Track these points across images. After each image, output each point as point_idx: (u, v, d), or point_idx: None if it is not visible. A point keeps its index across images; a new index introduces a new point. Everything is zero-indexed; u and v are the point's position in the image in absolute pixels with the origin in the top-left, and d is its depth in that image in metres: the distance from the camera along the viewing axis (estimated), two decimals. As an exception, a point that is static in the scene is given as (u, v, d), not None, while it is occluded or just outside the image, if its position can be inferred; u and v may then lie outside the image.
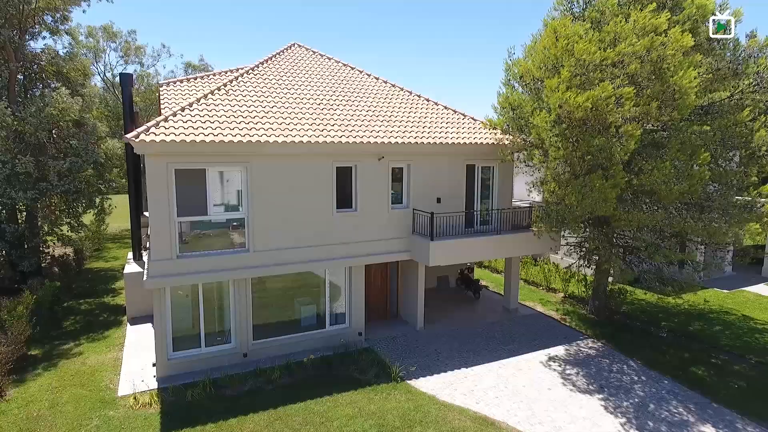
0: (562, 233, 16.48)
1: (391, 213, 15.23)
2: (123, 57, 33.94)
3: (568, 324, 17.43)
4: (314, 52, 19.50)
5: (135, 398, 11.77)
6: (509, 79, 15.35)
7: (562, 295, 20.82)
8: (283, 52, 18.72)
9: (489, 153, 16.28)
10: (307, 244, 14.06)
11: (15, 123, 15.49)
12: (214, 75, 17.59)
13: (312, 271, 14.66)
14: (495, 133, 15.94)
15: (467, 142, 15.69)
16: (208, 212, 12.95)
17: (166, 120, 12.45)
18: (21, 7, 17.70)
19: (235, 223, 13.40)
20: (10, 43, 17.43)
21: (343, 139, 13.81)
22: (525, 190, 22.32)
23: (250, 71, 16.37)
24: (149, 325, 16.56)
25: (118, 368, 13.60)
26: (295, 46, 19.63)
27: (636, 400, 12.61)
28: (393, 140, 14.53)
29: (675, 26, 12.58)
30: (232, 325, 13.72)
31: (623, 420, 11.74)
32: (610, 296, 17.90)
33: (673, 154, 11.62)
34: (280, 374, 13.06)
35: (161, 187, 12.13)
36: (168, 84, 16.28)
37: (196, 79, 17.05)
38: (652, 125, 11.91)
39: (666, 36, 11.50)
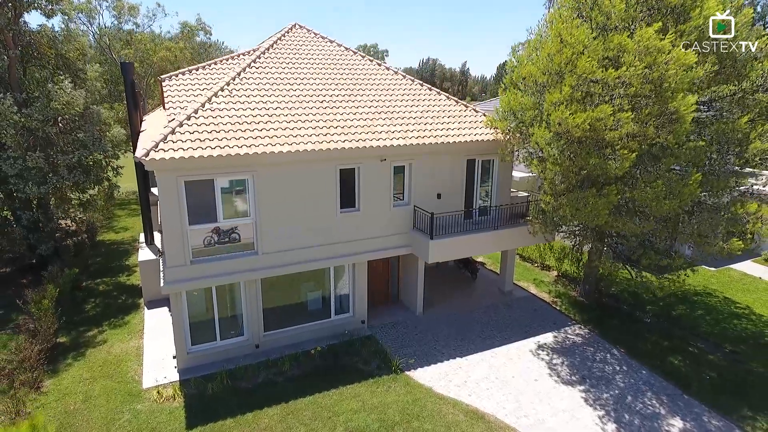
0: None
1: (392, 211, 15.79)
2: (117, 17, 32.88)
3: (558, 308, 18.50)
4: (315, 35, 19.19)
5: (158, 392, 13.01)
6: (512, 78, 15.33)
7: (555, 273, 21.79)
8: (284, 36, 18.44)
9: (489, 148, 16.55)
10: (312, 244, 14.77)
11: (22, 119, 15.70)
12: (215, 63, 17.45)
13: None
14: (496, 132, 16.12)
15: (469, 140, 15.93)
16: (218, 219, 13.55)
17: (173, 132, 12.73)
18: None
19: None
20: (7, 28, 17.20)
21: (347, 145, 14.12)
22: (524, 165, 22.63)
23: (252, 64, 16.29)
24: (165, 309, 17.67)
25: (141, 357, 14.80)
26: (296, 27, 19.28)
27: (616, 391, 13.83)
28: (395, 143, 14.81)
29: (679, 39, 12.53)
30: (245, 319, 14.75)
31: (602, 413, 12.99)
32: (600, 280, 18.85)
33: (664, 173, 12.00)
34: (290, 365, 14.25)
35: (172, 198, 12.66)
36: (170, 77, 16.26)
37: (198, 69, 16.96)
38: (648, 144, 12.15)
39: (669, 54, 11.50)
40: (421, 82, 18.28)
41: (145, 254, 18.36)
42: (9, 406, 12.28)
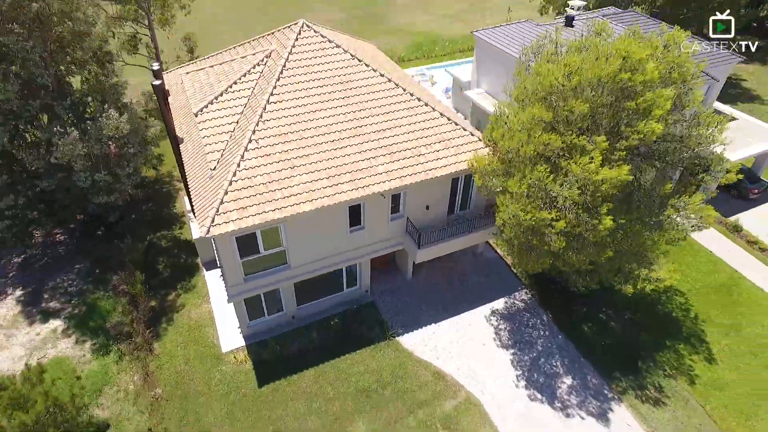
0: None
1: (390, 224, 20.30)
2: None
3: (515, 271, 24.12)
4: (323, 38, 20.60)
5: (234, 357, 19.76)
6: (490, 135, 18.13)
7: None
8: (294, 46, 20.00)
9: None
10: (329, 254, 19.80)
11: (84, 149, 18.98)
12: (228, 63, 19.53)
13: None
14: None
15: (456, 170, 19.36)
16: (260, 251, 18.37)
17: (222, 202, 16.65)
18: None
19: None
20: (48, 66, 19.00)
21: (354, 195, 17.90)
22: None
23: (270, 99, 18.72)
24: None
25: (214, 323, 21.20)
26: (304, 27, 20.54)
27: (534, 354, 20.51)
28: (393, 185, 18.48)
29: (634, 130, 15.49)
30: (283, 302, 20.74)
31: (519, 372, 19.85)
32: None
33: (587, 248, 16.42)
34: (317, 334, 20.72)
35: (228, 247, 17.36)
36: (188, 74, 18.85)
37: (213, 67, 19.30)
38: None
39: (602, 174, 14.82)
40: (419, 97, 20.50)
41: (197, 230, 23.25)
42: (138, 367, 19.18)
